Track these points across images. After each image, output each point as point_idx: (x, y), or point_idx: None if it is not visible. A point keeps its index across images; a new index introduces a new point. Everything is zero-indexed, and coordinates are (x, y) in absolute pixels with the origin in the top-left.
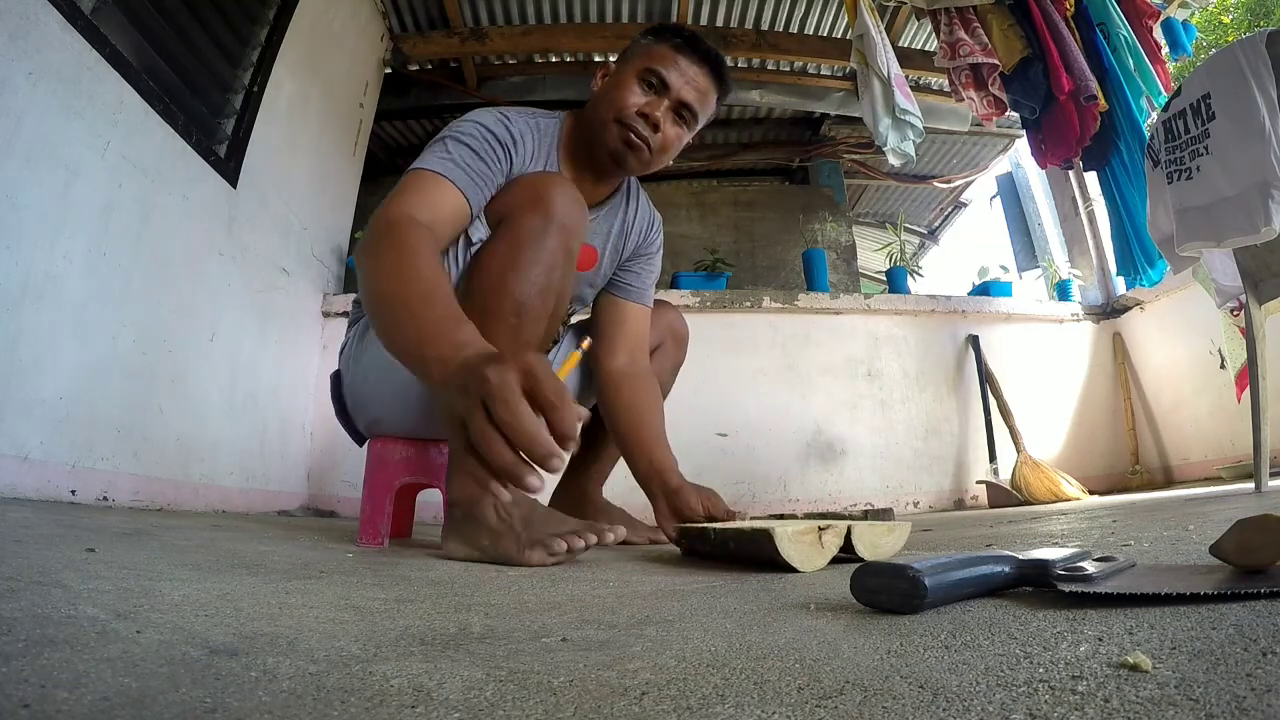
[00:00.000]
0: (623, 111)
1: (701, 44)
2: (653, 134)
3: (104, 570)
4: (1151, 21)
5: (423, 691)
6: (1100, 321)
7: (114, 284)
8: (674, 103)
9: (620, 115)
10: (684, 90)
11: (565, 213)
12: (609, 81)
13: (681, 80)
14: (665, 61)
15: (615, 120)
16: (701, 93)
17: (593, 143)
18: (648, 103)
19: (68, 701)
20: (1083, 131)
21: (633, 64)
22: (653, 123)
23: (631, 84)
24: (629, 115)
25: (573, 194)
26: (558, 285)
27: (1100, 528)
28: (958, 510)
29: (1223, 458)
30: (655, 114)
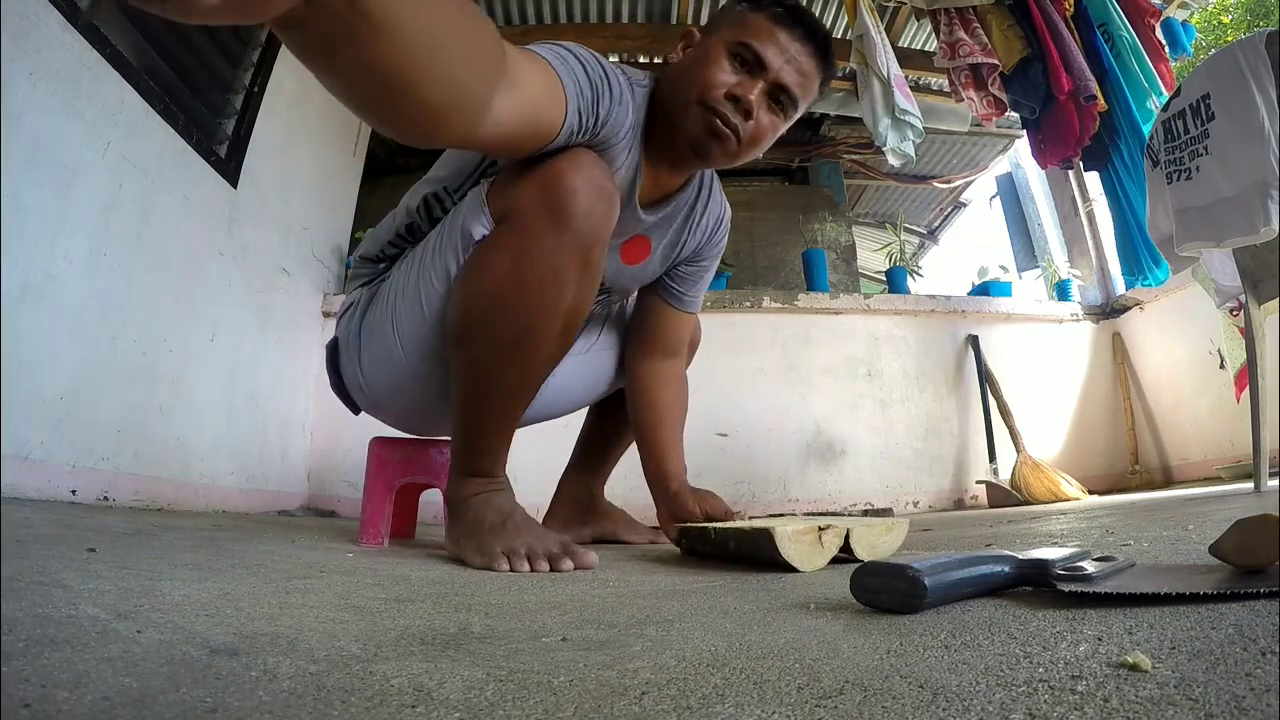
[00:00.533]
0: (708, 92)
1: (807, 16)
2: (744, 121)
3: (104, 570)
4: (1153, 20)
5: (423, 691)
6: (1100, 321)
7: (114, 284)
8: (770, 85)
9: (705, 97)
10: (784, 71)
11: (585, 217)
12: (693, 53)
13: (781, 59)
14: (762, 34)
15: (699, 102)
16: (804, 75)
17: (671, 126)
18: (739, 83)
19: (68, 701)
20: (1082, 131)
21: (723, 34)
22: (744, 108)
23: (721, 59)
24: (716, 97)
25: (597, 185)
26: (570, 305)
27: (1099, 527)
28: (957, 510)
29: (1222, 458)
30: (748, 97)
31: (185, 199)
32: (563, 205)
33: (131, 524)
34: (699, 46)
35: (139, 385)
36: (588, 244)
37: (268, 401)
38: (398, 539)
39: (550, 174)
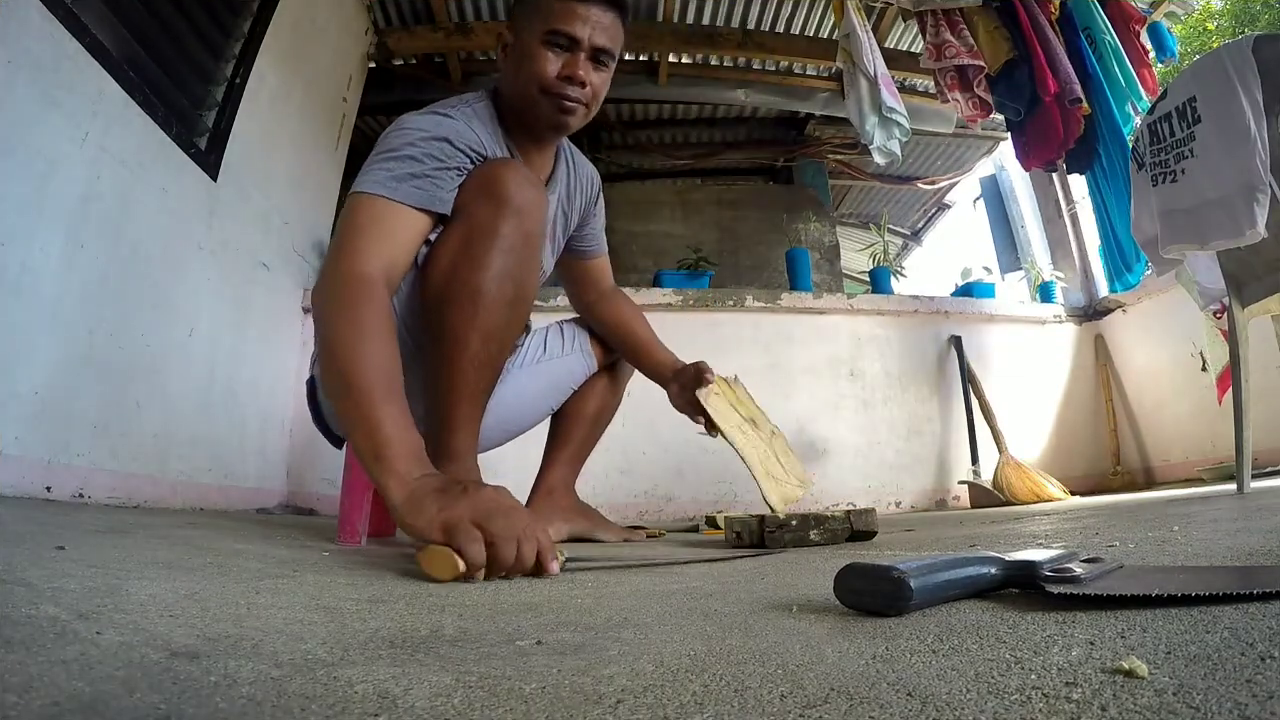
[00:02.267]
0: (545, 82)
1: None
2: (581, 90)
3: (71, 568)
4: (1138, 26)
5: (388, 698)
6: (1083, 323)
7: (91, 277)
8: (589, 52)
9: (545, 87)
10: (595, 37)
11: (520, 197)
12: (516, 55)
13: (588, 28)
14: (566, 17)
15: (542, 93)
16: (609, 29)
17: (527, 117)
18: (566, 64)
19: (16, 706)
20: (1066, 134)
21: (533, 28)
22: (578, 81)
23: (542, 52)
24: (554, 85)
25: (526, 176)
26: (517, 271)
27: (1084, 528)
28: (940, 510)
29: (1204, 459)
30: (578, 73)
31: (164, 192)
32: (502, 190)
33: (105, 521)
34: (517, 46)
35: (116, 380)
36: (524, 216)
37: (247, 398)
38: (378, 537)
39: (488, 172)
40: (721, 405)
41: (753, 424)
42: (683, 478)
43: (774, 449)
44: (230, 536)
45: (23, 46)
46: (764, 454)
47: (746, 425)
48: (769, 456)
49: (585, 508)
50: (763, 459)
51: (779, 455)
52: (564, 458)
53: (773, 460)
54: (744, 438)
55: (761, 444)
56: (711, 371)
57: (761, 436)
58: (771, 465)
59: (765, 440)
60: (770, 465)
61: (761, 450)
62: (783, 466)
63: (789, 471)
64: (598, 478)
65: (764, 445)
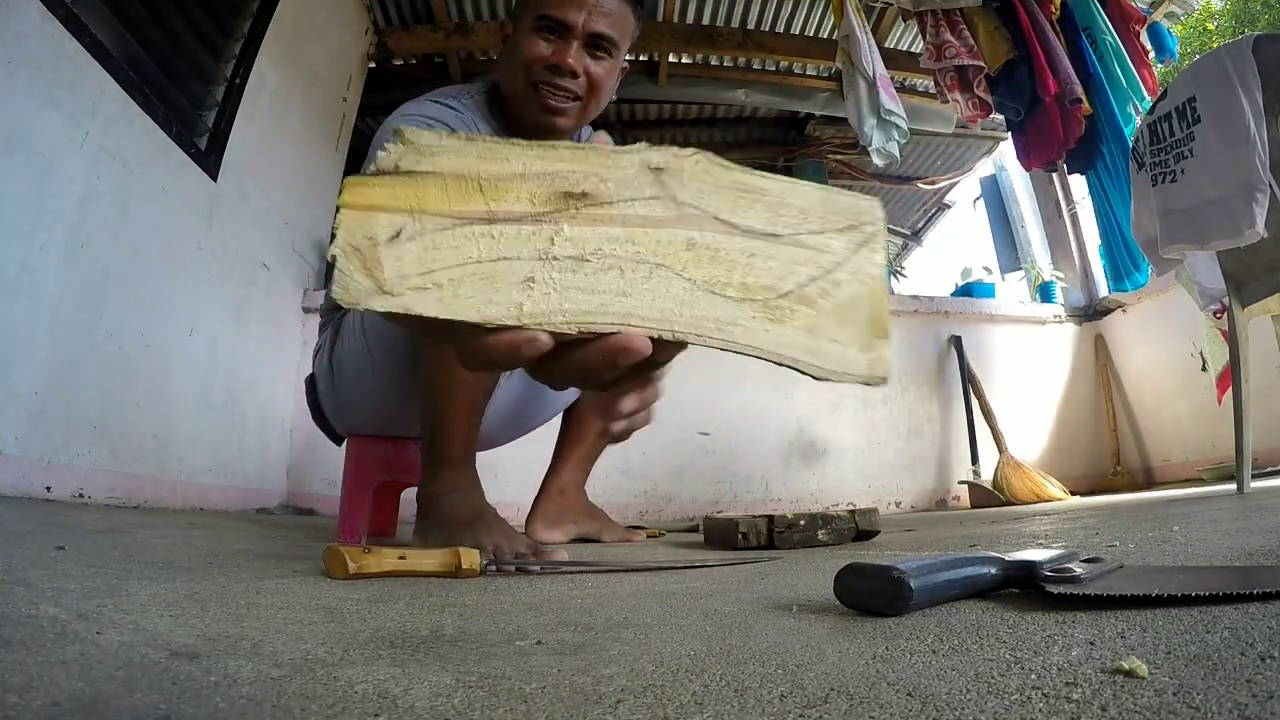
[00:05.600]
0: (530, 70)
1: None
2: (573, 80)
3: (71, 568)
4: (1138, 27)
5: (388, 698)
6: (1083, 323)
7: (92, 277)
8: (584, 39)
9: (530, 76)
10: (589, 21)
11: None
12: (509, 44)
13: (581, 12)
14: (558, 1)
15: (528, 84)
16: (611, 16)
17: (515, 114)
18: (553, 51)
19: (16, 706)
20: (1066, 134)
21: (525, 16)
22: (567, 70)
23: (531, 39)
24: (539, 74)
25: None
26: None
27: (1084, 528)
28: (940, 510)
29: (1204, 459)
30: (566, 60)
31: (164, 192)
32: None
33: (105, 521)
34: (512, 35)
35: (116, 380)
36: None
37: (246, 398)
38: (378, 537)
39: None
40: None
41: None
42: (683, 478)
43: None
44: (230, 536)
45: (23, 47)
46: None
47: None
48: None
49: (594, 509)
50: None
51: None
52: (576, 457)
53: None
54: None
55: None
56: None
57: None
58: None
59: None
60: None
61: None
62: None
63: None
64: (598, 478)
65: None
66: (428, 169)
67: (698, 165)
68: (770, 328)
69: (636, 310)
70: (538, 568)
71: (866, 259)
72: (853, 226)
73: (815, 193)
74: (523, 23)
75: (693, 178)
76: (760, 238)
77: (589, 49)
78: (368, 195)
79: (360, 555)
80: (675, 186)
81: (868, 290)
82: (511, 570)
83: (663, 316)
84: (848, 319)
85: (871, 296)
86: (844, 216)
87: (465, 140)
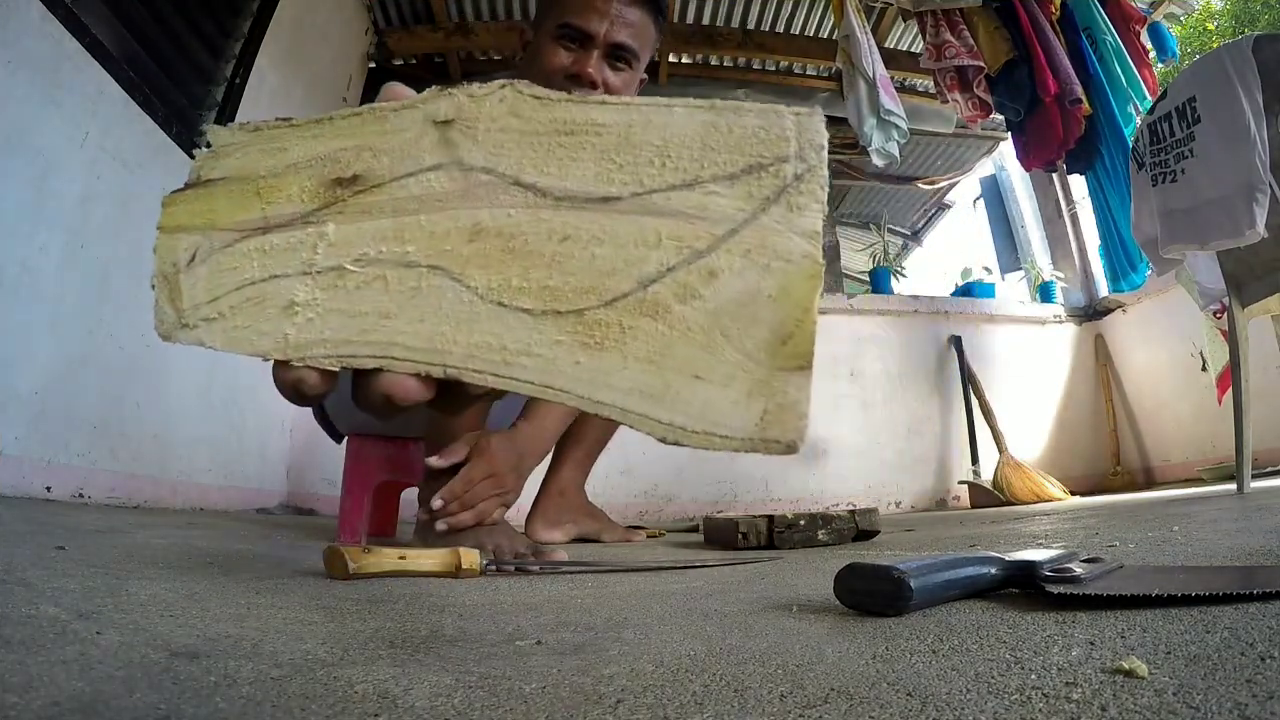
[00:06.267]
0: (550, 81)
1: None
2: (593, 92)
3: (71, 568)
4: (1139, 27)
5: (388, 698)
6: (1083, 323)
7: (92, 277)
8: (605, 49)
9: (549, 86)
10: (612, 31)
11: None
12: (529, 51)
13: (604, 22)
14: (580, 9)
15: None
16: (634, 25)
17: None
18: (574, 61)
19: (16, 706)
20: (1066, 135)
21: (546, 23)
22: (587, 81)
23: (551, 47)
24: (559, 84)
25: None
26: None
27: (1084, 528)
28: (940, 510)
29: (1204, 459)
30: (586, 71)
31: (164, 191)
32: None
33: (105, 521)
34: (532, 43)
35: (116, 380)
36: None
37: (247, 398)
38: (378, 537)
39: None
40: None
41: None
42: (683, 478)
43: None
44: (230, 536)
45: (22, 47)
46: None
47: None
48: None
49: (594, 509)
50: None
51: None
52: (577, 456)
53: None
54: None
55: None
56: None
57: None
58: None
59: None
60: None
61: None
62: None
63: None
64: (598, 477)
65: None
66: (219, 175)
67: (501, 105)
68: (584, 358)
69: (400, 337)
70: (538, 568)
71: (781, 224)
72: (758, 167)
73: (691, 116)
74: (544, 30)
75: (492, 126)
76: (584, 207)
77: (610, 59)
78: (175, 215)
79: (360, 555)
80: (465, 145)
81: (777, 283)
82: (511, 570)
83: (432, 345)
84: (730, 338)
85: (784, 293)
86: (742, 150)
87: (251, 131)
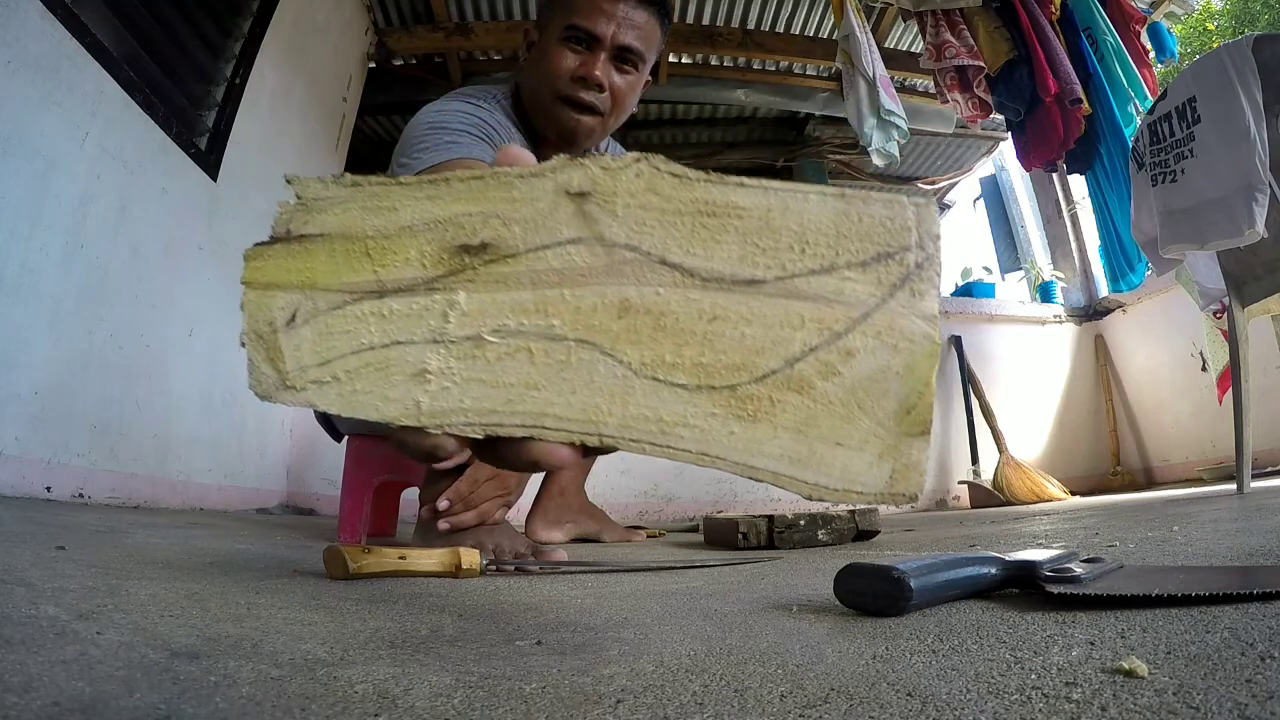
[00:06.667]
0: (558, 84)
1: None
2: (599, 94)
3: (71, 569)
4: (1139, 27)
5: (388, 698)
6: (1083, 323)
7: (91, 277)
8: (612, 52)
9: (558, 90)
10: (619, 34)
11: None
12: (536, 51)
13: (611, 24)
14: (587, 11)
15: (554, 97)
16: (640, 27)
17: (542, 122)
18: (582, 63)
19: (16, 706)
20: (1066, 135)
21: (553, 24)
22: (595, 84)
23: (558, 50)
24: (566, 87)
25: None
26: None
27: (1084, 528)
28: (940, 510)
29: (1204, 459)
30: (594, 73)
31: (164, 192)
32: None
33: (105, 521)
34: (538, 43)
35: (116, 380)
36: None
37: (246, 398)
38: (378, 537)
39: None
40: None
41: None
42: (683, 478)
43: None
44: (230, 536)
45: (22, 47)
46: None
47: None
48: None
49: (594, 509)
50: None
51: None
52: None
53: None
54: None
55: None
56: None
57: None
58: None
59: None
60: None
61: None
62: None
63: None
64: (597, 477)
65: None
66: (315, 230)
67: (638, 180)
68: (738, 429)
69: (551, 408)
70: (537, 568)
71: (906, 308)
72: (885, 255)
73: (825, 203)
74: (550, 30)
75: (631, 201)
76: (731, 288)
77: (616, 61)
78: (264, 271)
79: (360, 555)
80: (604, 220)
81: (903, 361)
82: (511, 570)
83: (585, 417)
84: (864, 409)
85: (909, 370)
86: (872, 239)
87: (351, 186)
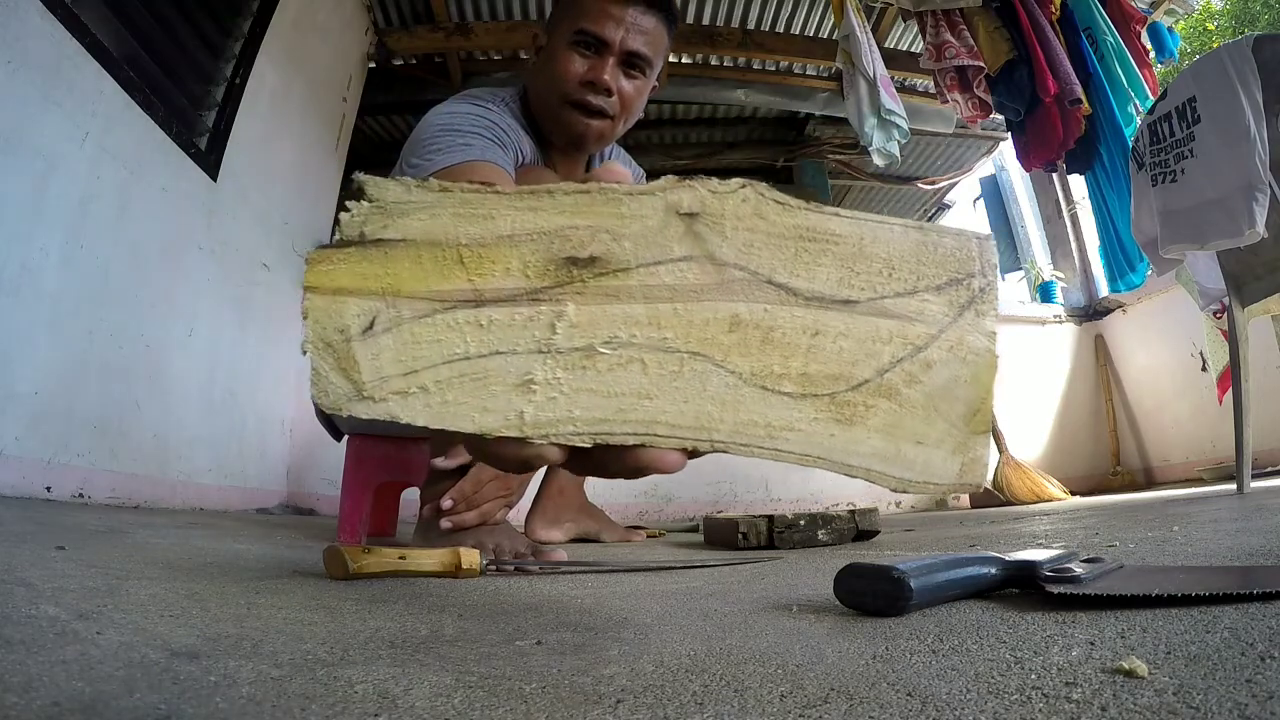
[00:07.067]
0: (566, 88)
1: None
2: (607, 99)
3: (71, 569)
4: (1139, 27)
5: (388, 698)
6: (1083, 323)
7: (91, 277)
8: (620, 56)
9: (566, 94)
10: (627, 39)
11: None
12: (544, 55)
13: (620, 29)
14: (594, 15)
15: (563, 101)
16: (648, 33)
17: (550, 127)
18: (590, 68)
19: (16, 706)
20: (1066, 135)
21: (561, 28)
22: (603, 88)
23: (567, 53)
24: (575, 91)
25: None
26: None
27: (1084, 528)
28: (940, 510)
29: (1204, 459)
30: (603, 78)
31: (164, 191)
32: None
33: (105, 521)
34: (547, 47)
35: (116, 380)
36: None
37: (246, 398)
38: (378, 537)
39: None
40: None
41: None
42: (683, 478)
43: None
44: (230, 537)
45: (23, 47)
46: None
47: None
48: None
49: (593, 508)
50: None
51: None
52: None
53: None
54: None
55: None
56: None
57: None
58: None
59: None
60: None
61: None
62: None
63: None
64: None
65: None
66: (397, 235)
67: (745, 205)
68: (837, 431)
69: (664, 416)
70: (537, 568)
71: (972, 326)
72: (956, 280)
73: (907, 235)
74: (559, 35)
75: (738, 224)
76: (830, 307)
77: (624, 66)
78: (333, 275)
79: (360, 555)
80: (714, 239)
81: (970, 371)
82: (511, 570)
83: (698, 424)
84: (940, 412)
85: (975, 379)
86: (945, 266)
87: (440, 191)
